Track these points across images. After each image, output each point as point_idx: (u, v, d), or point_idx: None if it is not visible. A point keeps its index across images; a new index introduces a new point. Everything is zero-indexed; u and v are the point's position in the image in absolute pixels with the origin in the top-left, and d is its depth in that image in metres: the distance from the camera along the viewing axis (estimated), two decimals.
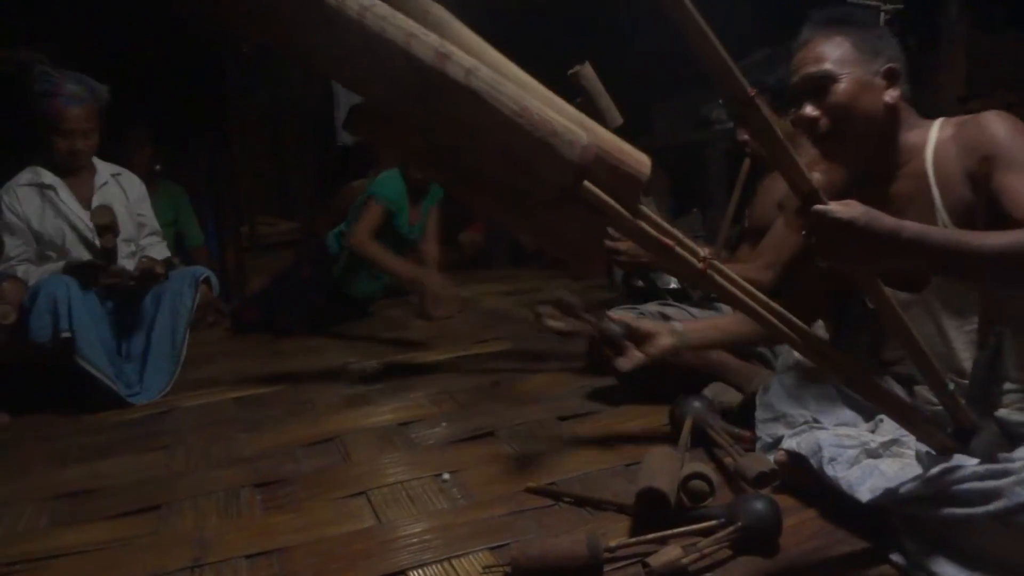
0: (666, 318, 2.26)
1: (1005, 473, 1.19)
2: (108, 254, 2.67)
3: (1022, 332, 1.45)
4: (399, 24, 1.06)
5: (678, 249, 1.24)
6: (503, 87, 1.11)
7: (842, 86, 1.50)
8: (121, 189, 2.92)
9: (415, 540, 1.55)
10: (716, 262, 1.26)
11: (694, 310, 2.29)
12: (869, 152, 1.55)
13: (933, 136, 1.51)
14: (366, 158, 5.19)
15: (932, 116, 2.80)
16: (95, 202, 2.80)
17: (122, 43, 4.16)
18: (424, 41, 1.08)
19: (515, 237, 5.02)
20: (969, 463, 1.28)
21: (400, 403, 2.47)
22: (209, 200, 4.62)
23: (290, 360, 3.13)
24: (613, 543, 1.40)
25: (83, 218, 2.76)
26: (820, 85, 1.51)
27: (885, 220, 1.13)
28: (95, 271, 2.66)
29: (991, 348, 1.42)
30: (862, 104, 1.50)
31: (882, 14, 2.43)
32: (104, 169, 2.90)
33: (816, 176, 1.23)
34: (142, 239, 2.95)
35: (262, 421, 2.37)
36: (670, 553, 1.34)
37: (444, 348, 3.13)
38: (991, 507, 1.18)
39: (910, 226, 1.15)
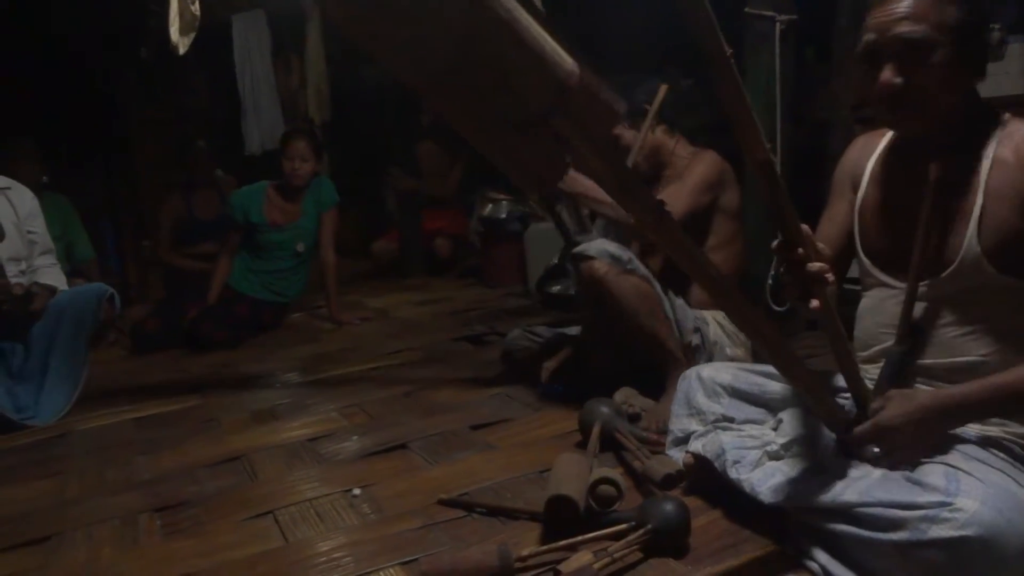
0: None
1: (913, 506, 1.19)
2: None
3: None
4: None
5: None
6: None
7: (937, 57, 1.23)
8: (9, 204, 2.75)
9: (323, 559, 1.51)
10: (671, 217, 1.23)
11: None
12: (938, 128, 1.32)
13: (998, 137, 1.30)
14: (273, 168, 5.08)
15: (830, 121, 2.89)
16: None
17: (9, 52, 3.98)
18: None
19: (428, 246, 4.99)
20: (871, 473, 1.30)
21: (310, 417, 2.40)
22: (108, 213, 4.44)
23: (194, 377, 3.02)
24: (524, 552, 1.39)
25: None
26: (912, 49, 1.24)
27: (927, 403, 1.24)
28: None
29: (907, 344, 1.41)
30: (956, 83, 1.26)
31: (777, 24, 2.51)
32: None
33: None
34: (36, 259, 2.79)
35: (163, 442, 2.27)
36: (581, 559, 1.35)
37: (356, 360, 3.08)
38: (894, 536, 1.19)
39: (951, 397, 1.25)
